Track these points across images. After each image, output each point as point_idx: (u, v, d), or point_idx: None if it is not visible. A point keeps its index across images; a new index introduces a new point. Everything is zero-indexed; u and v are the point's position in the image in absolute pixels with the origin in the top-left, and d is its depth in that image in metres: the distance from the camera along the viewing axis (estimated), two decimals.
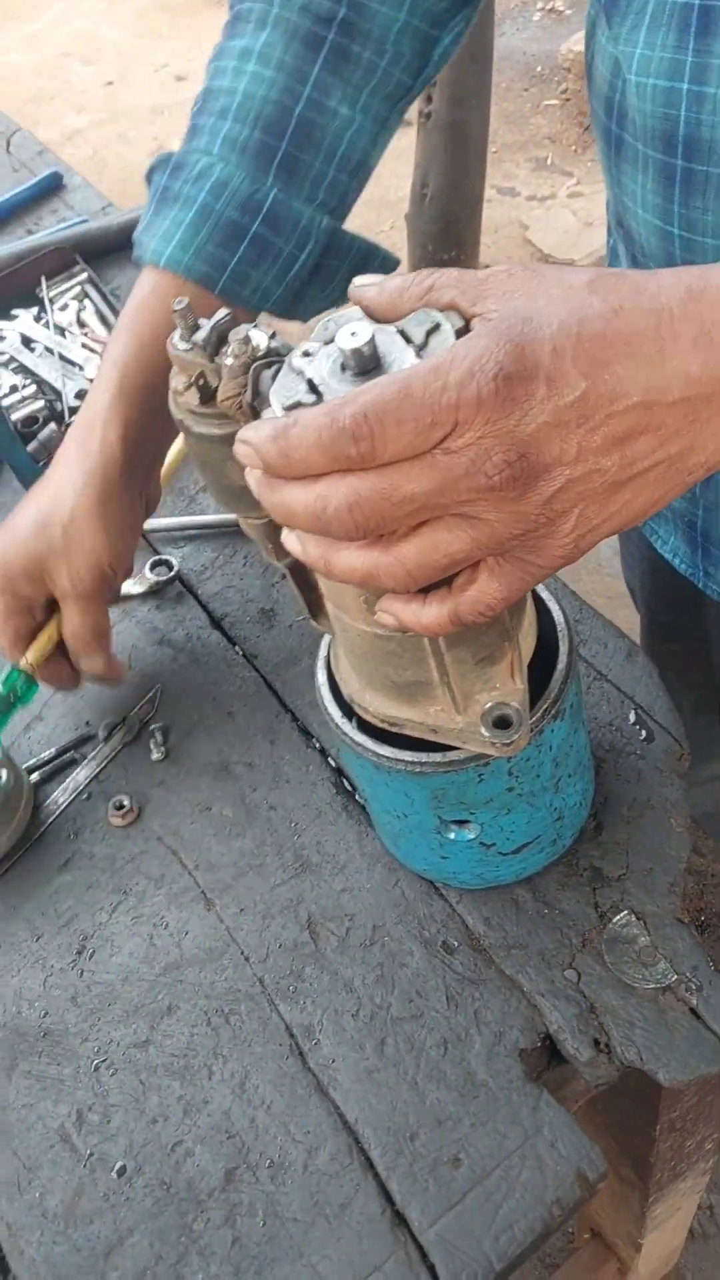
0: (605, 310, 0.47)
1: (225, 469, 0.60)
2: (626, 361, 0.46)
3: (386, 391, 0.45)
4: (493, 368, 0.44)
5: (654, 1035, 0.66)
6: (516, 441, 0.45)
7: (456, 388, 0.44)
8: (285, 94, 0.79)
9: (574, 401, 0.46)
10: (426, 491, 0.46)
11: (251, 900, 0.77)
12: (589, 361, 0.46)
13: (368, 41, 0.80)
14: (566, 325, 0.46)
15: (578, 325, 0.46)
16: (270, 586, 0.95)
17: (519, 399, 0.45)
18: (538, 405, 0.45)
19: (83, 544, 0.78)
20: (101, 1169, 0.68)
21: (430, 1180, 0.64)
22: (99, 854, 0.81)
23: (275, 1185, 0.66)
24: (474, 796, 0.64)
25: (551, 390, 0.45)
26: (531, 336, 0.45)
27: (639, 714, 0.79)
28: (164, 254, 0.78)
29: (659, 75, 0.71)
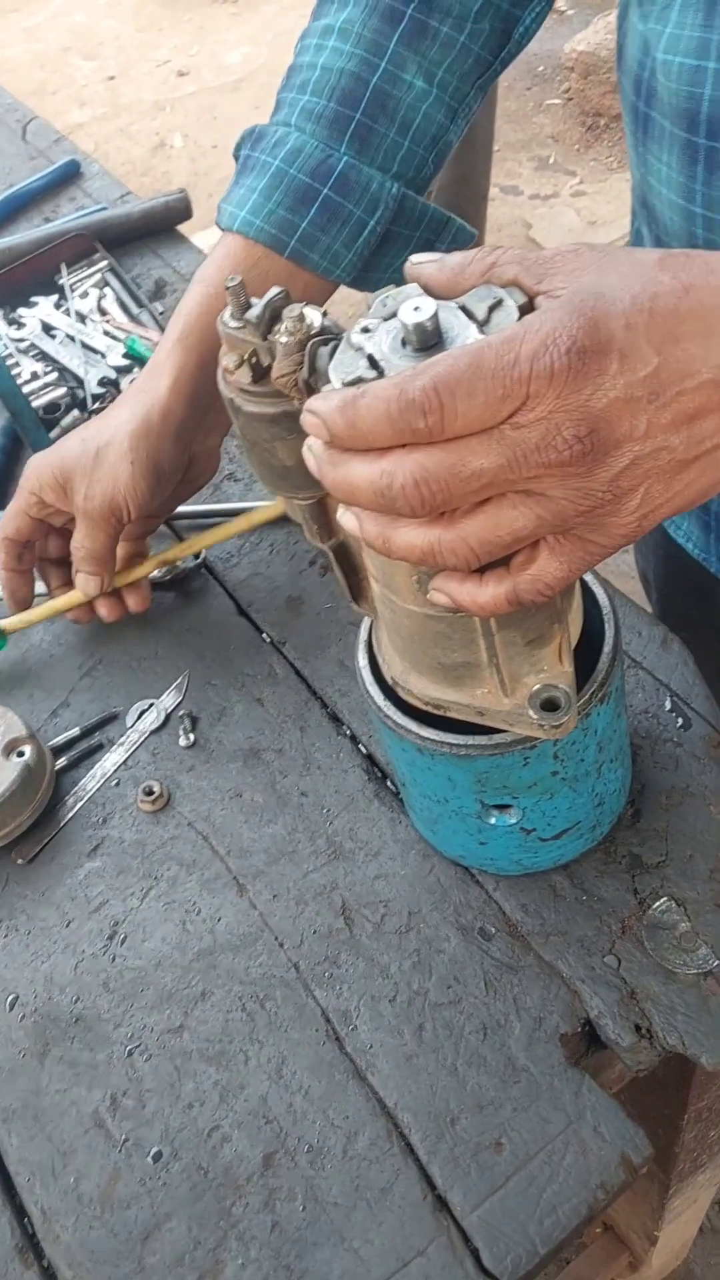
0: (676, 287, 0.46)
1: (274, 449, 0.60)
2: (699, 338, 0.46)
3: (458, 364, 0.44)
4: (566, 341, 0.44)
5: (696, 1020, 0.66)
6: (587, 416, 0.45)
7: (529, 360, 0.44)
8: (362, 66, 0.80)
9: (646, 377, 0.45)
10: (495, 467, 0.45)
11: (284, 886, 0.76)
12: (661, 337, 0.45)
13: (447, 17, 0.81)
14: (639, 300, 0.46)
15: (650, 301, 0.46)
16: (298, 574, 0.94)
17: (591, 374, 0.45)
18: (610, 380, 0.45)
19: (107, 469, 0.82)
20: (137, 1154, 0.68)
21: (472, 1165, 0.64)
22: (129, 839, 0.81)
23: (314, 1170, 0.66)
24: (518, 780, 0.63)
25: (624, 365, 0.45)
26: (604, 311, 0.45)
27: (675, 701, 0.79)
28: (238, 218, 0.80)
29: (686, 54, 0.71)
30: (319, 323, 0.54)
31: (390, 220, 0.82)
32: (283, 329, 0.54)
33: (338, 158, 0.80)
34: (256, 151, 0.82)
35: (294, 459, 0.60)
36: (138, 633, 0.93)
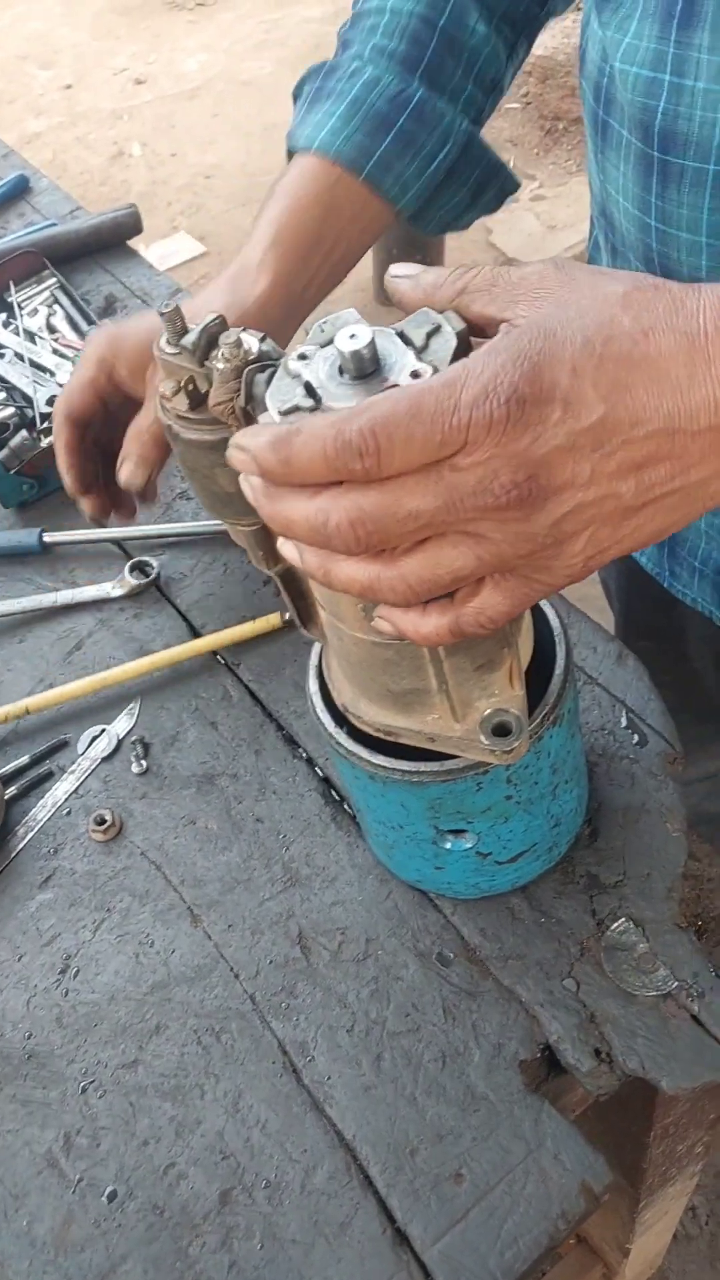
0: (635, 330, 0.45)
1: (215, 475, 0.59)
2: (651, 386, 0.45)
3: (397, 407, 0.43)
4: (506, 390, 0.43)
5: (656, 1043, 0.65)
6: (526, 463, 0.44)
7: (469, 408, 0.43)
8: (429, 9, 0.84)
9: (590, 426, 0.44)
10: (432, 509, 0.44)
11: (240, 916, 0.75)
12: (610, 384, 0.44)
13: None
14: (590, 343, 0.44)
15: (603, 345, 0.44)
16: (252, 594, 0.93)
17: (531, 422, 0.43)
18: (551, 429, 0.44)
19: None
20: (91, 1194, 0.66)
21: (432, 1197, 0.63)
22: (80, 871, 0.80)
23: (272, 1206, 0.64)
24: (472, 805, 0.63)
25: (567, 414, 0.44)
26: (551, 355, 0.44)
27: (631, 717, 0.79)
28: (316, 139, 0.83)
29: (643, 64, 0.71)
30: (256, 349, 0.53)
31: (457, 156, 0.85)
32: (219, 355, 0.53)
33: (413, 90, 0.83)
34: (330, 83, 0.85)
35: (235, 485, 0.59)
36: (88, 656, 0.92)
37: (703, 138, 0.70)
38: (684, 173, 0.72)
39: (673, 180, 0.73)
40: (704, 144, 0.70)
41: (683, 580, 0.97)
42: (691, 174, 0.71)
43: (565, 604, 0.86)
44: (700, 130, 0.69)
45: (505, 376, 0.43)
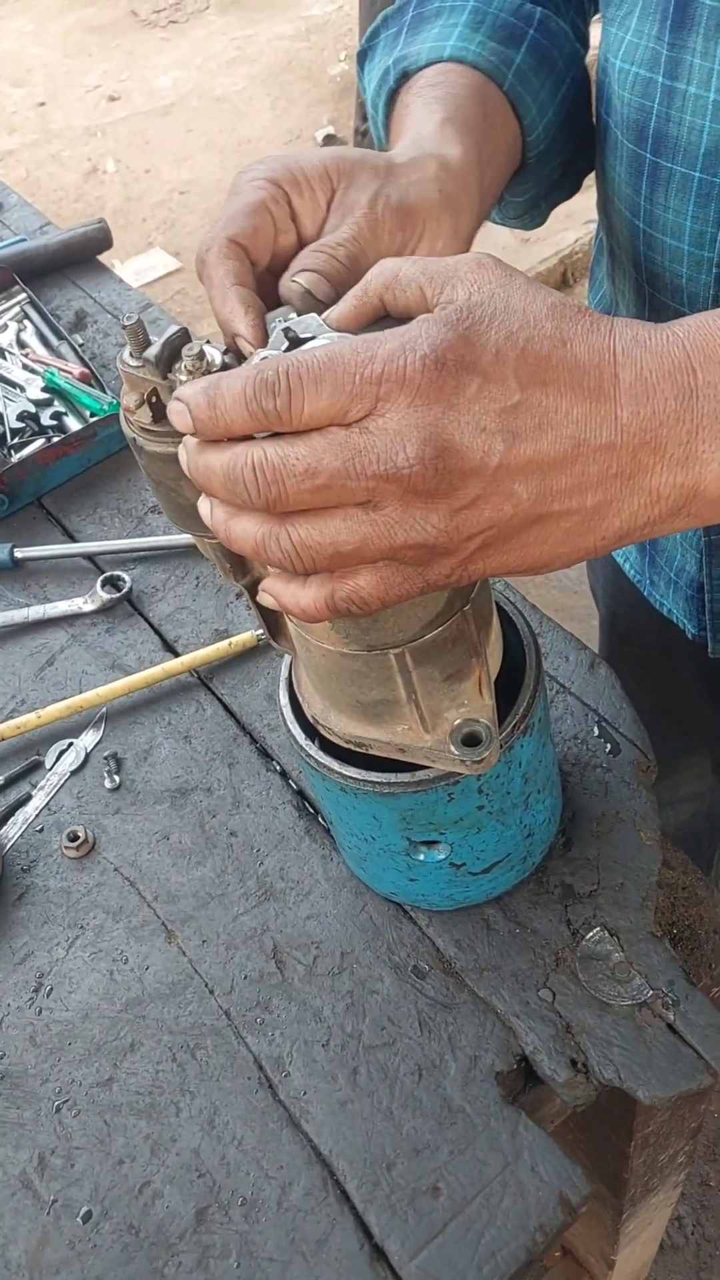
0: (555, 336, 0.46)
1: (180, 488, 0.58)
2: (566, 390, 0.45)
3: (315, 354, 0.44)
4: (425, 348, 0.43)
5: (632, 1053, 0.65)
6: (436, 435, 0.44)
7: (384, 361, 0.43)
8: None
9: (505, 410, 0.44)
10: (332, 469, 0.44)
11: (214, 931, 0.75)
12: (529, 375, 0.45)
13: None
14: (514, 336, 0.45)
15: (525, 340, 0.45)
16: (225, 607, 0.93)
17: (447, 389, 0.43)
18: (467, 401, 0.44)
19: (412, 183, 0.62)
20: (66, 1215, 0.66)
21: (409, 1211, 0.63)
22: (54, 888, 0.79)
23: (249, 1224, 0.64)
24: (443, 816, 0.62)
25: (483, 390, 0.44)
26: (477, 333, 0.44)
27: (603, 727, 0.78)
28: (446, 48, 0.73)
29: (640, 64, 0.70)
30: (219, 360, 0.53)
31: (582, 84, 0.79)
32: (182, 367, 0.53)
33: (532, 7, 0.76)
34: (430, 6, 0.77)
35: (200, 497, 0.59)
36: (60, 672, 0.91)
37: (690, 143, 0.69)
38: (671, 176, 0.72)
39: (661, 184, 0.73)
40: (691, 150, 0.69)
41: (660, 589, 0.97)
42: (679, 179, 0.71)
43: (537, 614, 0.86)
44: (689, 136, 0.69)
45: (427, 338, 0.44)
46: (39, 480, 1.04)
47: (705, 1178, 1.63)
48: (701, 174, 0.70)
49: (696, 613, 0.92)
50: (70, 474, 1.06)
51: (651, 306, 0.80)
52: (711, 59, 0.66)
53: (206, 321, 3.19)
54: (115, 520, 1.02)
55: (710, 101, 0.67)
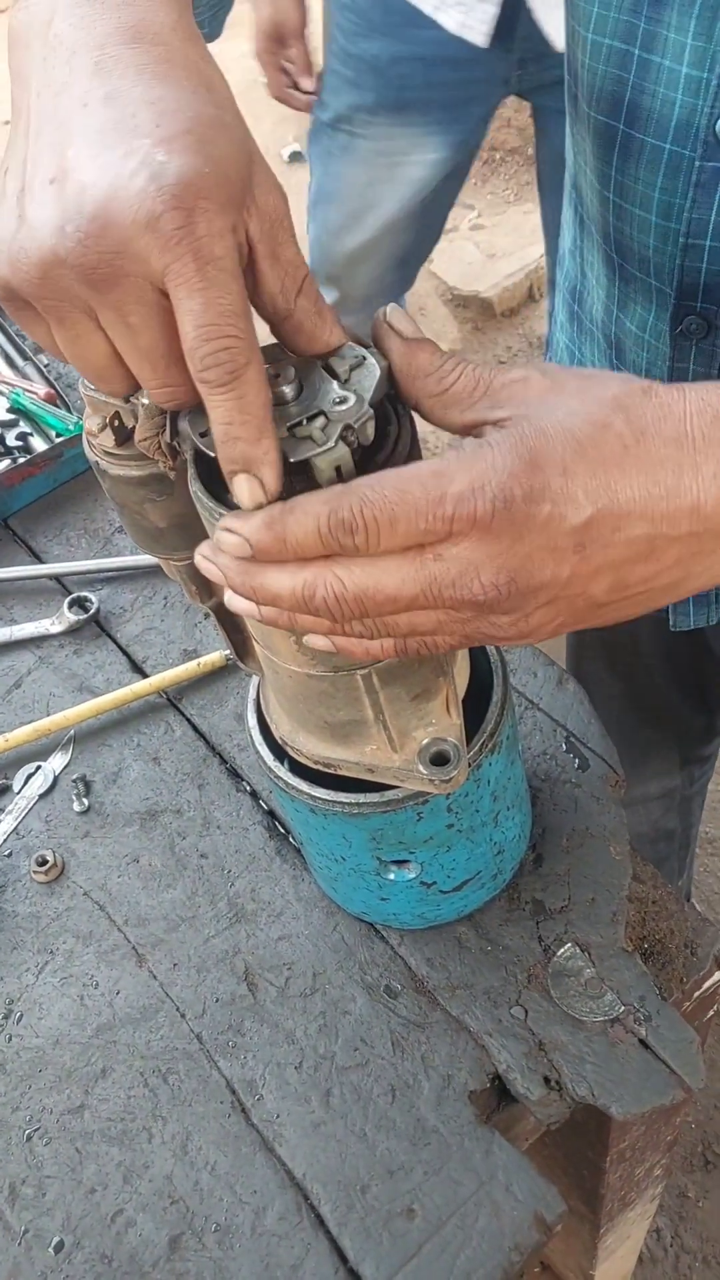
0: (627, 434, 0.45)
1: (144, 511, 0.58)
2: (639, 491, 0.45)
3: (386, 492, 0.44)
4: (494, 489, 0.43)
5: (604, 1069, 0.65)
6: (508, 563, 0.44)
7: (454, 502, 0.43)
8: None
9: (575, 528, 0.44)
10: (410, 595, 0.45)
11: (185, 954, 0.74)
12: (600, 487, 0.44)
13: None
14: (582, 445, 0.44)
15: (594, 448, 0.44)
16: (193, 626, 0.93)
17: (518, 521, 0.44)
18: (538, 529, 0.44)
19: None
20: (38, 1246, 0.65)
21: (384, 1234, 0.62)
22: (22, 913, 0.78)
23: (223, 1251, 0.63)
24: (413, 835, 0.62)
25: (555, 514, 0.44)
26: (543, 454, 0.44)
27: (572, 742, 0.79)
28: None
29: (614, 37, 0.71)
30: None
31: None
32: (144, 391, 0.53)
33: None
34: None
35: (166, 520, 0.59)
36: (27, 694, 0.91)
37: (662, 116, 0.70)
38: (643, 148, 0.72)
39: (632, 156, 0.73)
40: (663, 122, 0.70)
41: None
42: (649, 150, 0.72)
43: None
44: (661, 108, 0.70)
45: (495, 475, 0.43)
46: (5, 501, 1.03)
47: (683, 1189, 1.63)
48: (672, 146, 0.70)
49: None
50: (36, 494, 1.05)
51: (621, 277, 0.81)
52: (685, 33, 0.67)
53: None
54: (82, 541, 1.01)
55: (683, 74, 0.68)
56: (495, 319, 3.09)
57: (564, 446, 0.44)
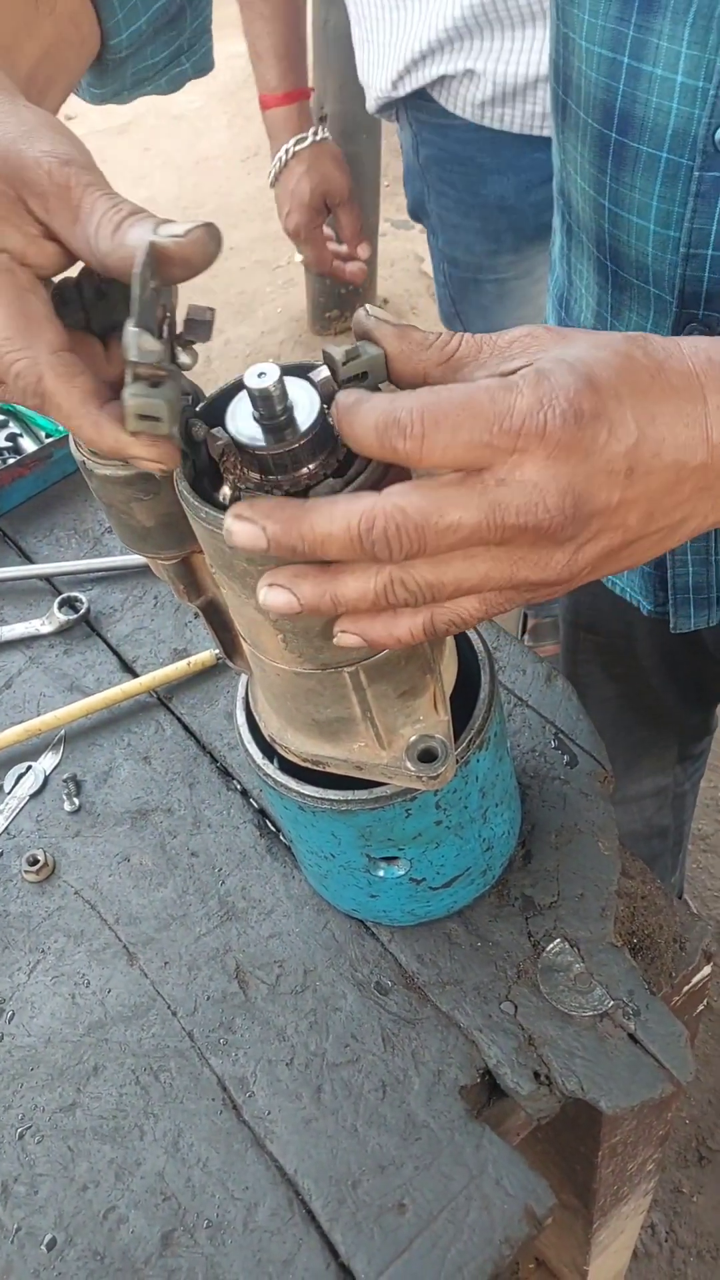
0: (650, 365, 0.46)
1: (132, 510, 0.58)
2: (671, 417, 0.46)
3: (450, 396, 0.43)
4: (563, 403, 0.43)
5: (594, 1064, 0.65)
6: (572, 485, 0.44)
7: (523, 415, 0.43)
8: None
9: (628, 450, 0.45)
10: (473, 523, 0.44)
11: (176, 952, 0.74)
12: (642, 410, 0.45)
13: None
14: (622, 372, 0.45)
15: (630, 375, 0.45)
16: (184, 626, 0.93)
17: (585, 440, 0.44)
18: (600, 450, 0.44)
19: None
20: (30, 1243, 0.65)
21: (375, 1229, 0.63)
22: (14, 912, 0.78)
23: (215, 1247, 0.64)
24: (402, 832, 0.63)
25: (612, 437, 0.44)
26: (599, 377, 0.44)
27: (561, 739, 0.79)
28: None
29: (603, 45, 0.70)
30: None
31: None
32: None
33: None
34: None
35: (153, 520, 0.59)
36: (18, 694, 0.91)
37: (657, 124, 0.69)
38: (638, 156, 0.72)
39: (627, 164, 0.73)
40: (658, 131, 0.70)
41: (623, 578, 0.98)
42: (645, 159, 0.71)
43: (493, 628, 0.87)
44: (655, 117, 0.69)
45: (562, 391, 0.43)
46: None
47: (677, 1184, 1.64)
48: (669, 154, 0.70)
49: (653, 589, 0.93)
50: (26, 495, 1.05)
51: (615, 284, 0.81)
52: (678, 41, 0.66)
53: None
54: (72, 541, 1.02)
55: (677, 83, 0.67)
56: None
57: (607, 371, 0.44)
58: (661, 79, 0.68)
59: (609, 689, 1.21)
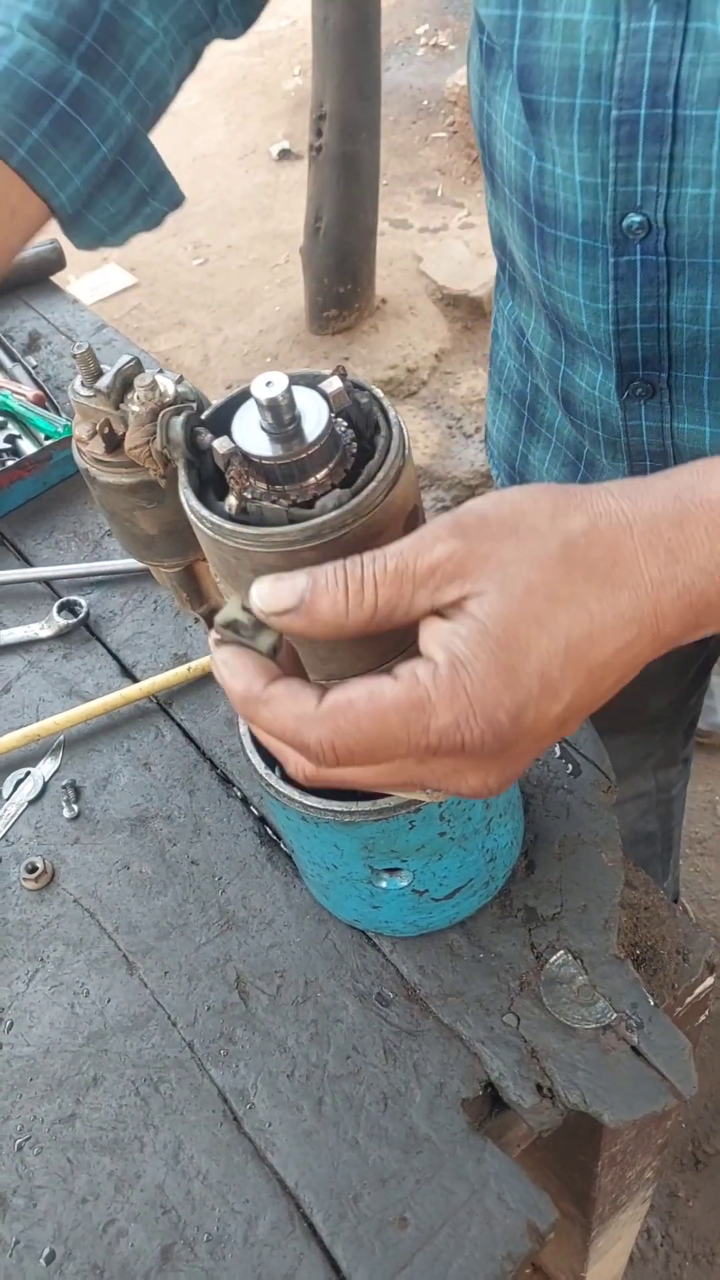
0: (592, 604, 0.44)
1: (134, 518, 0.58)
2: (610, 651, 0.45)
3: (359, 725, 0.43)
4: (481, 723, 0.42)
5: (597, 1076, 0.65)
6: (497, 769, 0.45)
7: (439, 734, 0.42)
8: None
9: (559, 715, 0.45)
10: (392, 784, 0.46)
11: (176, 962, 0.74)
12: (575, 669, 0.44)
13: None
14: (554, 643, 0.43)
15: (565, 638, 0.43)
16: (184, 631, 0.92)
17: (508, 741, 0.43)
18: (526, 734, 0.44)
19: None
20: (29, 1257, 0.65)
21: (376, 1243, 0.62)
22: (12, 920, 0.78)
23: (215, 1261, 0.63)
24: (405, 844, 0.62)
25: (539, 714, 0.44)
26: (518, 655, 0.43)
27: (564, 748, 0.79)
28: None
29: (518, 137, 0.72)
30: (172, 391, 0.53)
31: (122, 151, 0.75)
32: (135, 398, 0.53)
33: (71, 71, 0.72)
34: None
35: (156, 528, 0.59)
36: (16, 699, 0.90)
37: (569, 215, 0.71)
38: (558, 240, 0.74)
39: (549, 246, 0.74)
40: (570, 220, 0.71)
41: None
42: (564, 243, 0.73)
43: None
44: (566, 209, 0.71)
45: (478, 705, 0.42)
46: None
47: (674, 1189, 1.63)
48: (584, 240, 0.71)
49: None
50: (25, 497, 1.05)
51: (566, 340, 0.82)
52: (569, 147, 0.68)
53: (163, 337, 3.19)
54: (71, 544, 1.01)
55: (576, 181, 0.69)
56: (485, 318, 3.08)
57: (538, 654, 0.43)
58: (562, 177, 0.70)
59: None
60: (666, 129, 0.64)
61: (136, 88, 0.76)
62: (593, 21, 0.64)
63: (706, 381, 0.75)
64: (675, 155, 0.65)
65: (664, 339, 0.74)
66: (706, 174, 0.65)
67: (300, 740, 0.43)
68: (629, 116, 0.64)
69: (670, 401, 0.78)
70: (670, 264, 0.69)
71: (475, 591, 0.43)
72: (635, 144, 0.65)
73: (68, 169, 0.72)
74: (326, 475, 0.48)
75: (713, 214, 0.66)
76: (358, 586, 0.43)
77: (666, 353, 0.74)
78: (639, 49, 0.63)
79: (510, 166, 0.74)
